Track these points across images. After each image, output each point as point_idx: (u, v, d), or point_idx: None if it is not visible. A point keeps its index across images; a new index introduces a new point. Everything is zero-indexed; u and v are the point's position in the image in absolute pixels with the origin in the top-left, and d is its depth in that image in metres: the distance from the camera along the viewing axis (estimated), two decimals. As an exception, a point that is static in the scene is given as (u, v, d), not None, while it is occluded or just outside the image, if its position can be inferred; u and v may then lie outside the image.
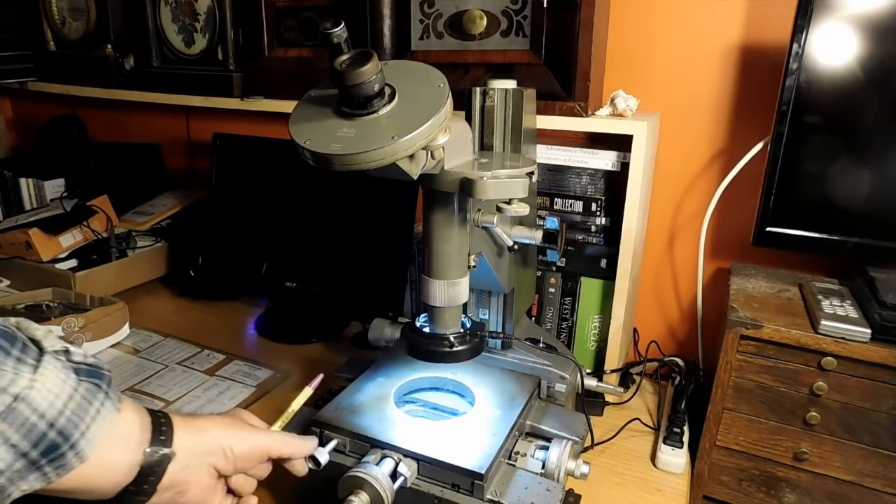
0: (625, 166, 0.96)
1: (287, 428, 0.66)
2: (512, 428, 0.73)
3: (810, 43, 0.81)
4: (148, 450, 0.50)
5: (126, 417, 0.50)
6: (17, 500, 0.45)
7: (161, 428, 0.52)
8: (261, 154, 1.33)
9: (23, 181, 1.60)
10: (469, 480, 0.65)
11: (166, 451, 0.51)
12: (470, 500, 0.66)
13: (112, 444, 0.48)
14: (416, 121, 0.55)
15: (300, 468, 0.64)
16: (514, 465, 0.72)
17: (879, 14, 0.78)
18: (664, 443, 0.89)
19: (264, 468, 0.62)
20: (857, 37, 0.79)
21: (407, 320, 0.93)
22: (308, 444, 0.64)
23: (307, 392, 0.69)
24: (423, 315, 0.76)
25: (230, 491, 0.60)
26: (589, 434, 0.82)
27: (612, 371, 1.04)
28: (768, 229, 0.89)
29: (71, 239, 1.36)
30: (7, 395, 0.41)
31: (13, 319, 0.47)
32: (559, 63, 0.95)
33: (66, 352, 0.47)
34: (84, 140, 1.73)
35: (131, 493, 0.50)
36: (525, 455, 0.73)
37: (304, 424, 0.75)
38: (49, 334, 0.47)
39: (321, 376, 0.71)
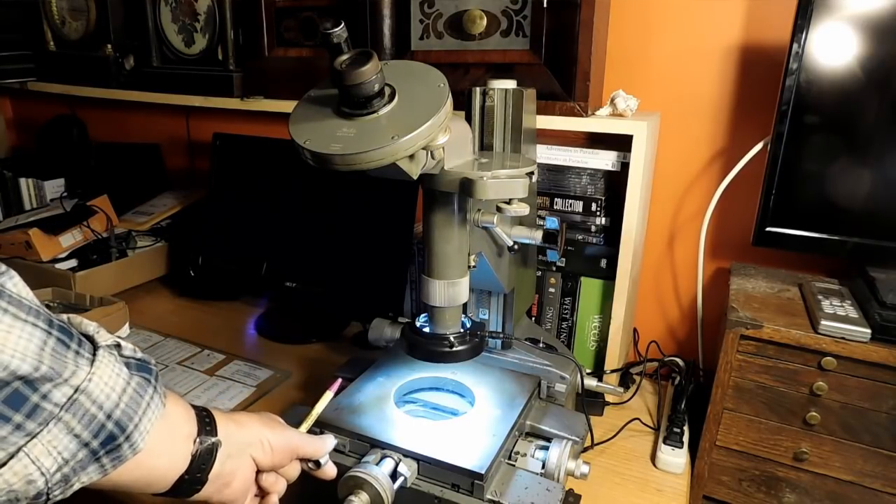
0: (625, 166, 0.96)
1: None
2: (512, 428, 0.73)
3: (810, 43, 0.81)
4: (198, 439, 0.53)
5: (173, 410, 0.52)
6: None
7: (205, 419, 0.55)
8: (261, 154, 1.33)
9: (23, 181, 1.60)
10: (469, 480, 0.66)
11: (214, 440, 0.54)
12: (470, 500, 0.66)
13: (164, 436, 0.50)
14: (416, 121, 0.55)
15: (331, 472, 0.66)
16: (514, 465, 0.72)
17: (879, 14, 0.78)
18: (664, 443, 0.89)
19: (295, 467, 0.64)
20: (857, 37, 0.79)
21: (407, 320, 0.93)
22: (328, 443, 0.65)
23: (328, 396, 0.69)
24: (423, 315, 0.76)
25: (259, 490, 0.62)
26: (589, 434, 0.82)
27: (612, 371, 1.04)
28: (768, 229, 0.89)
29: (71, 239, 1.36)
30: (69, 386, 0.43)
31: (64, 316, 0.48)
32: (559, 63, 0.95)
33: (118, 346, 0.48)
34: (84, 140, 1.73)
35: (186, 483, 0.52)
36: (525, 455, 0.73)
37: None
38: (100, 329, 0.48)
39: (340, 380, 0.71)
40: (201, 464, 0.53)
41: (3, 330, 0.40)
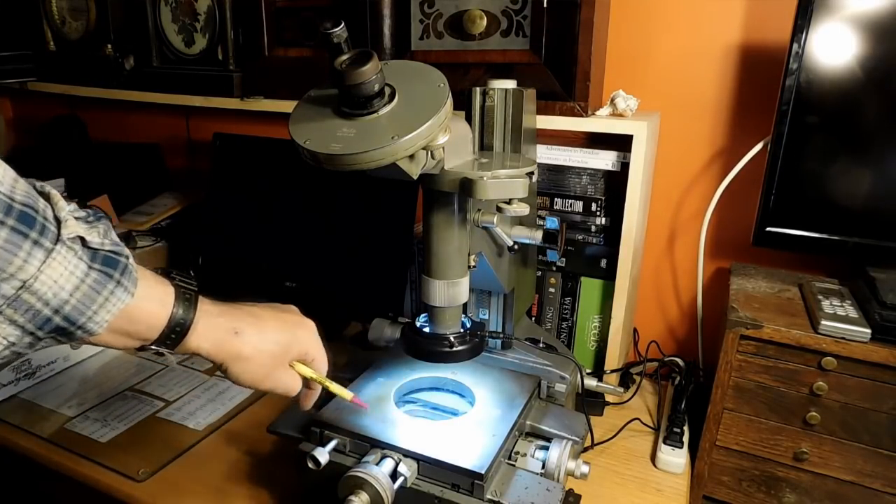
0: (625, 166, 0.96)
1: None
2: (512, 428, 0.73)
3: (810, 43, 0.81)
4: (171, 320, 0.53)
5: (143, 305, 0.51)
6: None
7: (185, 298, 0.55)
8: (261, 154, 1.33)
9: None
10: (469, 480, 0.65)
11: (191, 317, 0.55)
12: (470, 500, 0.66)
13: (126, 324, 0.50)
14: (416, 121, 0.55)
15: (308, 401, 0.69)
16: (514, 465, 0.72)
17: (879, 14, 0.78)
18: (664, 443, 0.89)
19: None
20: (857, 37, 0.79)
21: (407, 320, 0.93)
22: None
23: (347, 396, 0.69)
24: (423, 315, 0.76)
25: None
26: (589, 434, 0.82)
27: (612, 371, 1.04)
28: (768, 229, 0.89)
29: (71, 239, 1.36)
30: (16, 280, 0.43)
31: (48, 188, 0.48)
32: (559, 63, 0.95)
33: (82, 239, 0.47)
34: (84, 140, 1.73)
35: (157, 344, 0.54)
36: (525, 455, 0.73)
37: (304, 424, 0.75)
38: (69, 216, 0.47)
39: (367, 407, 0.73)
40: (175, 330, 0.53)
41: None
